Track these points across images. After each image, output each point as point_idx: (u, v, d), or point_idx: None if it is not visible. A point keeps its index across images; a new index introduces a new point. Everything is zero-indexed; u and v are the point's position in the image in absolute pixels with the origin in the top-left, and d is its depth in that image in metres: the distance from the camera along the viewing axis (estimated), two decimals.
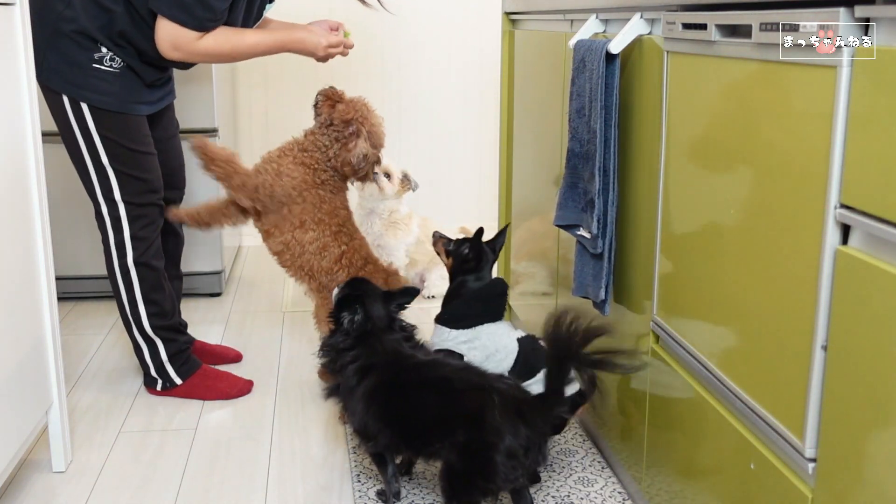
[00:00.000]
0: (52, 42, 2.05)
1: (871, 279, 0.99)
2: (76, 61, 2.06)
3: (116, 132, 2.13)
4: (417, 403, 1.70)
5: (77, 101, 2.09)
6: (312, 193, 2.24)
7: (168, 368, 2.33)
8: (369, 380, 1.76)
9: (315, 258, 2.27)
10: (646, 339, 1.66)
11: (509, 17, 2.73)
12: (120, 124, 2.14)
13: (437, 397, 1.68)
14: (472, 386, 1.65)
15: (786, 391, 1.17)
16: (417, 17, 3.90)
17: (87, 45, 2.06)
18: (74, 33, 2.04)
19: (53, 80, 2.08)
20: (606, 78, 1.67)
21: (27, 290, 1.81)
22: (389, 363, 1.78)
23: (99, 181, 2.16)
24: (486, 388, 1.63)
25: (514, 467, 1.58)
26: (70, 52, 2.06)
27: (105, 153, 2.14)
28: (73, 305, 3.11)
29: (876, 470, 1.00)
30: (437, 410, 1.67)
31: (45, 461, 1.99)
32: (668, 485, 1.59)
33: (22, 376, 1.75)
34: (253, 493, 1.91)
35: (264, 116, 3.88)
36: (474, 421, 1.59)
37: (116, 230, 2.20)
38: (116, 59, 2.09)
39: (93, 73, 2.08)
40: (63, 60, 2.06)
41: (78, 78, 2.07)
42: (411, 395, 1.72)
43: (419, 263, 3.27)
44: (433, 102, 3.96)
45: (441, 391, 1.69)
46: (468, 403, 1.63)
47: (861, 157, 1.00)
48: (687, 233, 1.47)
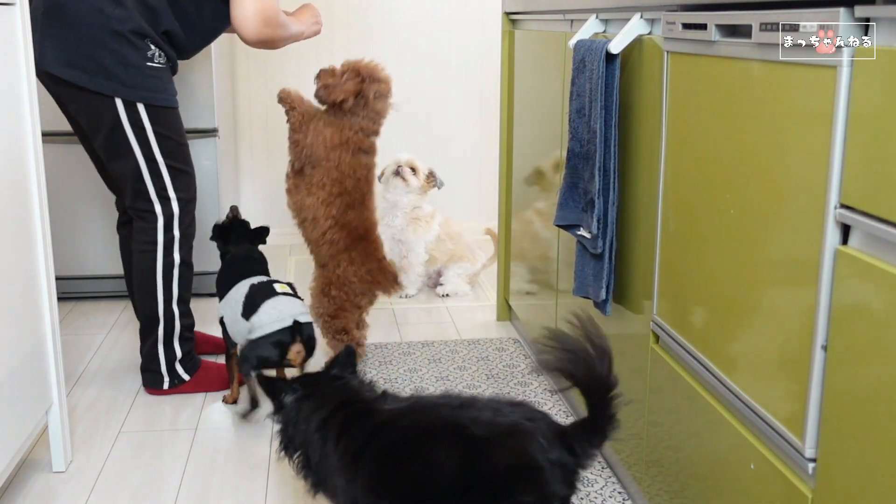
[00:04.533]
0: (105, 45, 2.04)
1: (871, 279, 0.99)
2: (131, 61, 2.06)
3: (169, 128, 2.18)
4: (426, 461, 1.29)
5: (133, 103, 2.09)
6: (335, 154, 2.35)
7: (177, 366, 2.35)
8: (343, 439, 1.37)
9: (310, 227, 2.40)
10: (646, 339, 1.66)
11: (509, 17, 2.73)
12: (171, 119, 2.19)
13: (451, 449, 1.27)
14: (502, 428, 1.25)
15: (786, 391, 1.17)
16: (417, 17, 3.90)
17: (141, 44, 2.08)
18: (131, 33, 2.05)
19: (105, 85, 2.06)
20: (606, 78, 1.67)
21: (27, 290, 1.81)
22: (361, 412, 1.40)
23: (153, 180, 2.18)
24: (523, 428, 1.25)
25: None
26: (125, 53, 2.06)
27: (159, 150, 2.16)
28: (73, 305, 3.11)
29: (876, 470, 0.99)
30: (459, 469, 1.25)
31: (45, 461, 1.99)
32: (668, 485, 1.59)
33: (22, 376, 1.75)
34: (253, 493, 1.91)
35: (264, 116, 3.88)
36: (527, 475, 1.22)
37: (167, 228, 2.23)
38: (161, 55, 2.12)
39: (147, 72, 2.10)
40: (118, 62, 2.05)
41: (135, 78, 2.08)
42: (411, 451, 1.31)
43: (437, 261, 3.29)
44: (433, 102, 3.96)
45: (454, 440, 1.27)
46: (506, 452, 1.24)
47: (861, 157, 1.00)
48: (687, 233, 1.47)
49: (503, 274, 2.94)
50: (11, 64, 1.74)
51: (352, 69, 2.39)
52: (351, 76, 2.37)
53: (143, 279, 2.28)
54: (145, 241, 2.24)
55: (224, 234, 2.40)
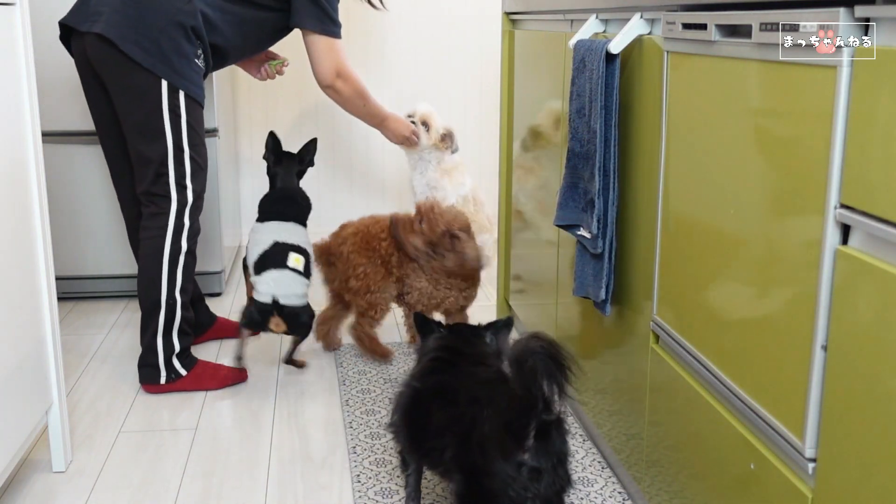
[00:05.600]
0: (167, 31, 2.22)
1: (871, 279, 0.99)
2: (185, 52, 2.25)
3: (198, 122, 2.33)
4: (426, 410, 1.60)
5: (177, 89, 2.25)
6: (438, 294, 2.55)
7: (175, 361, 2.37)
8: (413, 370, 1.71)
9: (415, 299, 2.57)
10: (646, 339, 1.66)
11: (509, 17, 2.73)
12: (200, 116, 2.34)
13: (439, 407, 1.57)
14: (470, 398, 1.51)
15: (786, 391, 1.17)
16: (418, 17, 3.90)
17: (195, 42, 2.27)
18: (190, 29, 2.24)
19: (158, 66, 2.22)
20: (606, 78, 1.67)
21: (27, 290, 1.81)
22: (435, 360, 1.69)
23: (175, 168, 2.30)
24: (481, 402, 1.47)
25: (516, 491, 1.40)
26: (181, 43, 2.24)
27: (188, 141, 2.29)
28: (73, 305, 3.11)
29: (876, 470, 0.99)
30: (436, 421, 1.56)
31: (45, 461, 1.99)
32: (668, 485, 1.59)
33: (22, 376, 1.75)
34: (253, 493, 1.91)
35: (264, 117, 3.88)
36: (462, 437, 1.47)
37: (179, 216, 2.32)
38: (203, 60, 2.31)
39: (194, 67, 2.28)
40: (174, 50, 2.23)
41: (184, 68, 2.25)
42: (424, 401, 1.62)
43: None
44: (433, 102, 3.96)
45: (446, 401, 1.56)
46: (460, 417, 1.50)
47: (861, 157, 1.00)
48: (687, 233, 1.47)
49: (503, 274, 2.94)
50: (11, 64, 1.74)
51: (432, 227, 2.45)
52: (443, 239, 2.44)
53: (148, 264, 2.33)
54: (156, 226, 2.31)
55: (277, 150, 2.58)
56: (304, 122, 3.89)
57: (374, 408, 2.30)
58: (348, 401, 2.34)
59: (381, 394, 2.38)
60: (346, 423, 2.21)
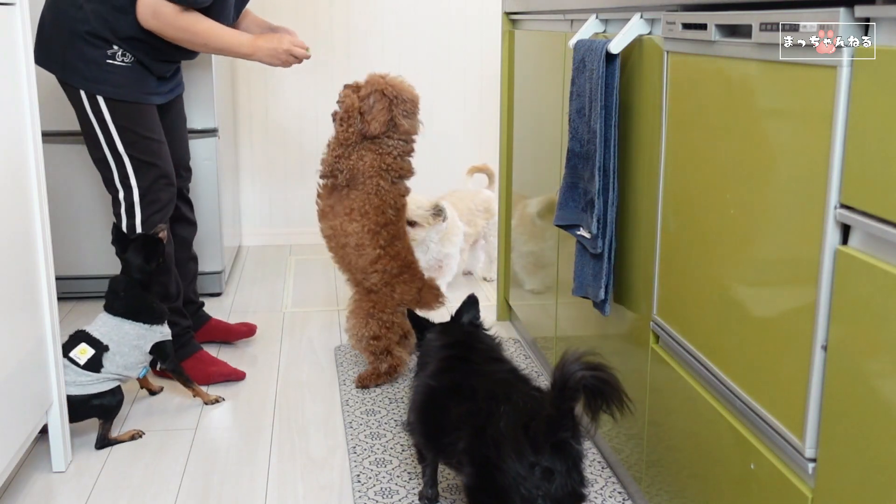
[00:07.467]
0: (69, 42, 2.23)
1: (871, 279, 0.99)
2: (91, 58, 2.23)
3: (130, 121, 2.30)
4: (442, 407, 1.60)
5: (94, 95, 2.26)
6: (373, 181, 2.39)
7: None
8: (427, 369, 1.72)
9: (353, 253, 2.42)
10: (646, 339, 1.66)
11: (509, 17, 2.73)
12: (133, 114, 2.30)
13: (456, 403, 1.56)
14: (487, 395, 1.51)
15: (786, 391, 1.17)
16: (417, 17, 3.90)
17: (100, 44, 2.24)
18: (88, 34, 2.22)
19: (72, 77, 2.26)
20: (606, 78, 1.67)
21: (27, 290, 1.81)
22: (448, 358, 1.71)
23: (117, 168, 2.32)
24: (498, 398, 1.48)
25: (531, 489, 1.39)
26: (85, 51, 2.23)
27: (121, 141, 2.29)
28: (73, 305, 3.11)
29: (876, 470, 0.99)
30: (452, 417, 1.55)
31: (45, 461, 1.99)
32: (668, 485, 1.59)
33: (22, 376, 1.75)
34: (253, 493, 1.91)
35: (264, 116, 3.88)
36: (476, 430, 1.47)
37: (129, 215, 2.34)
38: (127, 55, 2.26)
39: (107, 68, 2.25)
40: (80, 58, 2.23)
41: (94, 73, 2.24)
42: (440, 398, 1.63)
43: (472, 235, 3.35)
44: (433, 102, 3.96)
45: (463, 397, 1.56)
46: (476, 412, 1.50)
47: (861, 157, 1.00)
48: (687, 233, 1.47)
49: (503, 274, 2.94)
50: (11, 64, 1.74)
51: (377, 90, 2.40)
52: (378, 99, 2.39)
53: None
54: (115, 217, 2.38)
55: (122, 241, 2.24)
56: (305, 122, 3.89)
57: (374, 408, 2.30)
58: (348, 401, 2.34)
59: (381, 394, 2.38)
60: (346, 423, 2.21)
